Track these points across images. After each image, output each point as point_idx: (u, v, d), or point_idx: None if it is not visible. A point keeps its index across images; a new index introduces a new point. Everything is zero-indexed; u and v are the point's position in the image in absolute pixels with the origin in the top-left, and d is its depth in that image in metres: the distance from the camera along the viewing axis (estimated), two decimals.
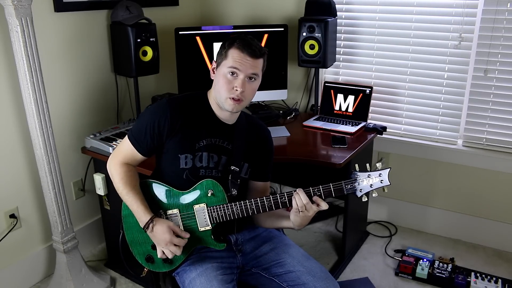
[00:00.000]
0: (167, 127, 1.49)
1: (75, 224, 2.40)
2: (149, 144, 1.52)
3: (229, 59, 1.45)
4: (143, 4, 2.53)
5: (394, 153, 2.72)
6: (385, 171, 1.39)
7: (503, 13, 2.25)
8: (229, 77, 1.45)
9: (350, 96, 2.58)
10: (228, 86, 1.45)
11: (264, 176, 1.66)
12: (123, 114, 2.68)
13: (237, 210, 1.46)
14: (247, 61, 1.44)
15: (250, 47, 1.44)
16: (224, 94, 1.46)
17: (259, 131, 1.64)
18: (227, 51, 1.46)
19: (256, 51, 1.45)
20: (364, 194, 1.41)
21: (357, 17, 2.68)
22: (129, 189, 1.50)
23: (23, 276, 2.29)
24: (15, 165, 2.19)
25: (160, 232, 1.43)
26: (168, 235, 1.42)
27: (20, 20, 1.79)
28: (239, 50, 1.44)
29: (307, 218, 1.44)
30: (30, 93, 1.90)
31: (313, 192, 1.41)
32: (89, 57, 2.42)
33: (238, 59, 1.44)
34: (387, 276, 2.37)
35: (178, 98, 1.55)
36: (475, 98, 2.43)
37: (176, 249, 1.43)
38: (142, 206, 1.47)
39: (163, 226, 1.44)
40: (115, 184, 1.55)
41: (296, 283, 1.46)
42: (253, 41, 1.47)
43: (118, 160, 1.56)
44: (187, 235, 1.47)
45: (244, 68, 1.44)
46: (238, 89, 1.44)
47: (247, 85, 1.46)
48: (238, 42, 1.46)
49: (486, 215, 2.57)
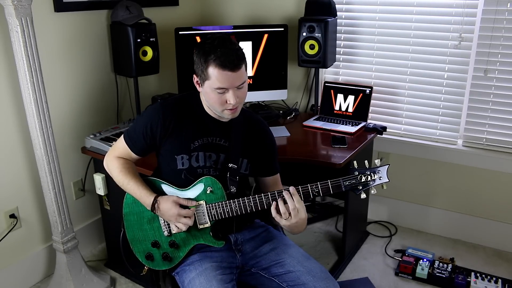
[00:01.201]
0: (160, 129, 1.51)
1: (75, 224, 2.40)
2: (143, 145, 1.55)
3: (212, 79, 1.40)
4: (143, 4, 2.53)
5: (394, 153, 2.72)
6: (384, 167, 1.40)
7: (503, 13, 2.25)
8: (218, 94, 1.43)
9: (350, 96, 2.58)
10: (220, 101, 1.44)
11: (270, 170, 1.66)
12: (123, 114, 2.68)
13: (236, 208, 1.46)
14: (231, 77, 1.39)
15: (229, 61, 1.37)
16: (218, 108, 1.47)
17: (256, 126, 1.64)
18: (206, 70, 1.40)
19: (236, 62, 1.38)
20: (363, 191, 1.40)
21: (357, 17, 2.68)
22: (130, 178, 1.53)
23: (23, 276, 2.29)
24: (15, 165, 2.19)
25: (167, 209, 1.45)
26: (175, 209, 1.44)
27: (20, 20, 1.79)
28: (220, 69, 1.37)
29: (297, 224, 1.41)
30: (30, 93, 1.90)
31: (311, 189, 1.41)
32: (89, 57, 2.43)
33: (221, 79, 1.38)
34: (387, 276, 2.37)
35: (171, 100, 1.57)
36: (475, 98, 2.43)
37: (187, 220, 1.45)
38: (145, 190, 1.50)
39: (167, 202, 1.46)
40: (114, 178, 1.58)
41: (296, 283, 1.46)
42: (228, 50, 1.38)
43: (113, 155, 1.60)
44: (194, 203, 1.48)
45: (231, 84, 1.41)
46: (232, 103, 1.43)
47: (238, 92, 1.44)
48: (214, 57, 1.37)
49: (486, 215, 2.57)
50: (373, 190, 1.41)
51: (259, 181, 1.68)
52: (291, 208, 1.38)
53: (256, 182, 1.72)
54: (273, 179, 1.67)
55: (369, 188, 1.40)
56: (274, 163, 1.67)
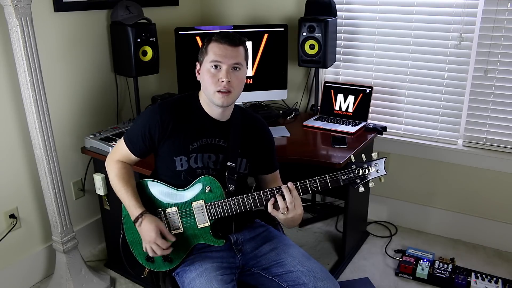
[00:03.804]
0: (158, 131, 1.51)
1: (75, 224, 2.40)
2: (142, 147, 1.55)
3: (210, 54, 1.47)
4: (143, 4, 2.53)
5: (394, 153, 2.72)
6: (381, 160, 1.40)
7: (504, 13, 2.25)
8: (212, 71, 1.46)
9: (350, 96, 2.58)
10: (213, 80, 1.46)
11: (269, 168, 1.67)
12: (123, 114, 2.68)
13: (235, 206, 1.46)
14: (227, 51, 1.45)
15: (227, 37, 1.46)
16: (211, 89, 1.47)
17: (255, 125, 1.64)
18: (206, 47, 1.48)
19: (235, 40, 1.47)
20: (361, 185, 1.41)
21: (357, 17, 2.67)
22: (123, 184, 1.53)
23: (23, 276, 2.29)
24: (15, 165, 2.19)
25: (147, 229, 1.45)
26: (154, 234, 1.44)
27: (20, 20, 1.79)
28: (218, 43, 1.46)
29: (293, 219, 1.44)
30: (30, 93, 1.90)
31: (309, 184, 1.42)
32: (89, 57, 2.42)
33: (218, 51, 1.45)
34: (387, 276, 2.37)
35: (169, 101, 1.57)
36: (475, 98, 2.43)
37: (156, 248, 1.44)
38: (134, 201, 1.50)
39: (151, 225, 1.45)
40: (110, 181, 1.59)
41: (296, 283, 1.46)
42: (230, 33, 1.50)
43: (114, 158, 1.61)
44: (173, 239, 1.48)
45: (226, 59, 1.45)
46: (224, 80, 1.45)
47: (232, 75, 1.46)
48: (215, 36, 1.48)
49: (486, 215, 2.57)
50: (371, 183, 1.41)
51: (258, 179, 1.69)
52: (288, 202, 1.39)
53: (256, 181, 1.72)
54: (273, 176, 1.68)
55: (368, 181, 1.40)
56: (273, 160, 1.68)
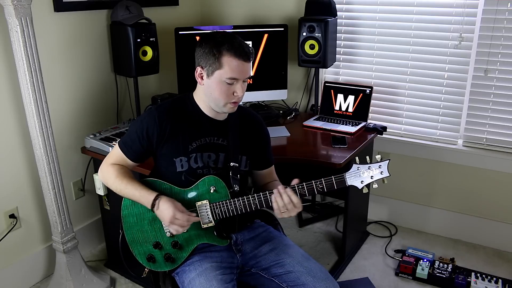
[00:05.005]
0: (156, 132, 1.50)
1: (75, 224, 2.40)
2: (139, 150, 1.54)
3: (225, 68, 1.41)
4: (143, 4, 2.53)
5: (394, 153, 2.72)
6: (385, 162, 1.41)
7: (504, 13, 2.25)
8: (227, 85, 1.44)
9: (350, 96, 2.58)
10: (228, 93, 1.45)
11: (266, 163, 1.68)
12: (123, 114, 2.68)
13: (240, 206, 1.46)
14: (244, 67, 1.43)
15: (243, 51, 1.41)
16: (222, 100, 1.47)
17: (251, 120, 1.65)
18: (219, 59, 1.41)
19: (249, 54, 1.43)
20: (365, 186, 1.42)
21: (357, 17, 2.67)
22: (126, 182, 1.51)
23: (23, 276, 2.29)
24: (15, 165, 2.19)
25: (164, 209, 1.43)
26: (171, 210, 1.41)
27: (20, 20, 1.79)
28: (235, 58, 1.40)
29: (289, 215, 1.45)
30: (30, 93, 1.90)
31: (315, 185, 1.42)
32: (89, 57, 2.42)
33: (235, 68, 1.41)
34: (387, 276, 2.37)
35: (165, 104, 1.57)
36: (475, 98, 2.43)
37: (178, 228, 1.43)
38: (144, 190, 1.48)
39: (169, 202, 1.44)
40: (111, 186, 1.55)
41: (296, 283, 1.46)
42: (241, 42, 1.44)
43: (108, 162, 1.58)
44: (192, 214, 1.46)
45: (242, 75, 1.44)
46: (239, 95, 1.45)
47: (243, 86, 1.47)
48: (229, 47, 1.40)
49: (486, 215, 2.56)
50: (375, 185, 1.42)
51: (254, 174, 1.69)
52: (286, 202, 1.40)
53: (251, 176, 1.72)
54: (269, 170, 1.70)
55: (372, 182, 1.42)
56: (270, 155, 1.70)
